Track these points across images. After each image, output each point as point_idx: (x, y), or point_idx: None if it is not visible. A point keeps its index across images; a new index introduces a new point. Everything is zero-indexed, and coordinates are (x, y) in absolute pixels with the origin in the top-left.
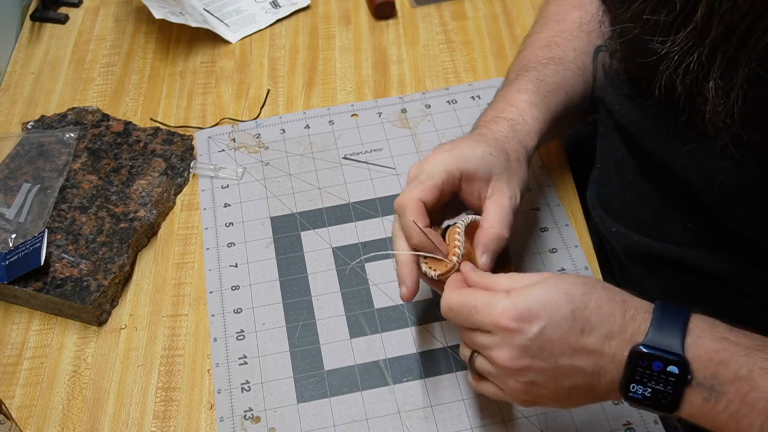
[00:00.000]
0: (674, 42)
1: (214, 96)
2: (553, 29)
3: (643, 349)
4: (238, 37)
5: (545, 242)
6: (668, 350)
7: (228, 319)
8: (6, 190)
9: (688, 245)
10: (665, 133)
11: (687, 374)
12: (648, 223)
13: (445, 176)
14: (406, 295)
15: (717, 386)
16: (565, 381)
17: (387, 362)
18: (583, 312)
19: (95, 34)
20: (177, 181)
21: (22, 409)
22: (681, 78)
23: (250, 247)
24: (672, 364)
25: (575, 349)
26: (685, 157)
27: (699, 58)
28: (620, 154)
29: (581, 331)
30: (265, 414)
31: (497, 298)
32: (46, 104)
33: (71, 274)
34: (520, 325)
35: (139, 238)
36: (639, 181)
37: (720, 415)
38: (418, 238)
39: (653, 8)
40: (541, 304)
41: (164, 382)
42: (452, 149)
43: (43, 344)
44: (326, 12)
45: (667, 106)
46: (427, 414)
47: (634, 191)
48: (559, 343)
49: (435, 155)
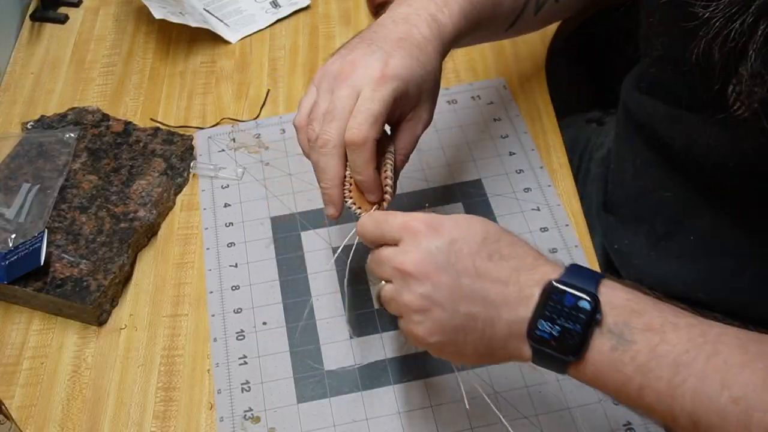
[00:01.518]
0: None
1: (214, 96)
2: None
3: (557, 284)
4: (238, 37)
5: (545, 242)
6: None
7: (228, 319)
8: (6, 190)
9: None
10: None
11: (597, 313)
12: (659, 234)
13: (393, 107)
14: (335, 215)
15: (627, 334)
16: (462, 305)
17: (387, 362)
18: (496, 242)
19: (95, 34)
20: (177, 181)
21: (22, 409)
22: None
23: (250, 247)
24: (584, 300)
25: (480, 273)
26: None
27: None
28: (641, 159)
29: (489, 257)
30: (265, 414)
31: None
32: (46, 104)
33: (71, 274)
34: (430, 231)
35: (139, 238)
36: (658, 190)
37: (626, 366)
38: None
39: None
40: (455, 222)
41: (164, 382)
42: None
43: (43, 344)
44: (326, 12)
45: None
46: (427, 414)
47: (651, 199)
48: (465, 259)
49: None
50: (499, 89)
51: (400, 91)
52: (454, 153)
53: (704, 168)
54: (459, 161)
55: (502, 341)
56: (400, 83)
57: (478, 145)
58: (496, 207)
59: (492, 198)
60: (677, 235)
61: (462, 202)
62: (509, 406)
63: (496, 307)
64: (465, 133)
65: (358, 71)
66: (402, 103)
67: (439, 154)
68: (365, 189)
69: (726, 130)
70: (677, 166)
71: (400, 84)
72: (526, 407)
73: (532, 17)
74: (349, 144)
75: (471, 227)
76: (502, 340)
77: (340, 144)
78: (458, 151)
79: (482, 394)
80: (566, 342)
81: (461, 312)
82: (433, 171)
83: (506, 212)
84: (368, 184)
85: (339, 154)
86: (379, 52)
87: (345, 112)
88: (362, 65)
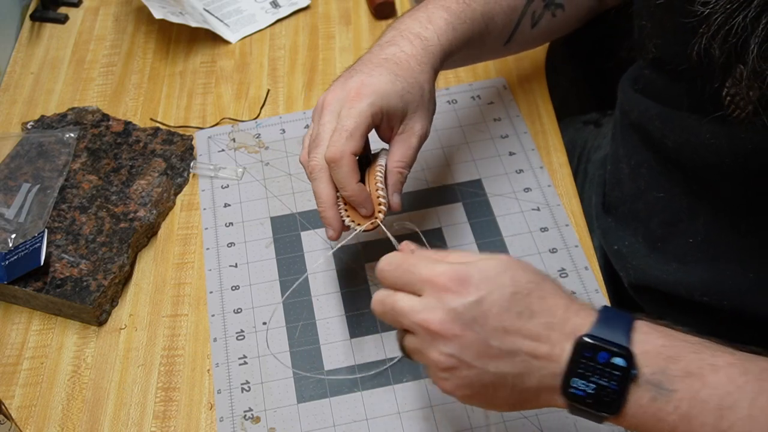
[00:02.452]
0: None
1: (214, 96)
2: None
3: (588, 339)
4: (238, 37)
5: (545, 242)
6: (614, 341)
7: (228, 319)
8: (6, 190)
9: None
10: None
11: (632, 368)
12: (655, 236)
13: (371, 121)
14: (334, 236)
15: (666, 383)
16: (491, 365)
17: (387, 362)
18: (525, 297)
19: (95, 34)
20: (177, 181)
21: (22, 409)
22: (720, 42)
23: (250, 247)
24: (618, 355)
25: (509, 331)
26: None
27: (744, 20)
28: (635, 160)
29: (518, 315)
30: (265, 414)
31: (441, 262)
32: (46, 104)
33: (71, 274)
34: (457, 288)
35: (139, 238)
36: (651, 191)
37: (669, 416)
38: (354, 194)
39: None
40: (483, 276)
41: (164, 382)
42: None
43: (43, 344)
44: (326, 12)
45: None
46: (427, 414)
47: (645, 200)
48: (493, 319)
49: (358, 97)
50: (499, 89)
51: (377, 106)
52: (454, 153)
53: (698, 168)
54: (459, 161)
55: (534, 394)
56: (376, 98)
57: (478, 145)
58: (496, 207)
59: (492, 198)
60: (674, 237)
61: (462, 202)
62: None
63: (527, 364)
64: (465, 133)
65: (338, 96)
66: (387, 117)
67: (439, 154)
68: (354, 203)
69: (720, 130)
70: (671, 167)
71: (375, 99)
72: None
73: (530, 31)
74: (328, 162)
75: (499, 281)
76: (534, 393)
77: (326, 167)
78: (458, 151)
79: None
80: (602, 399)
81: (490, 371)
82: (433, 171)
83: (506, 212)
84: (355, 198)
85: (327, 177)
86: (357, 75)
87: (327, 136)
88: (341, 90)
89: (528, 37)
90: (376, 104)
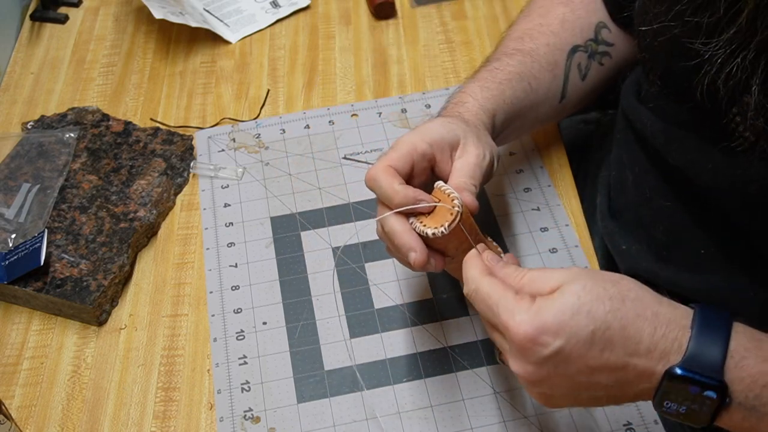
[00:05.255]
0: (718, 44)
1: (214, 96)
2: (533, 21)
3: (679, 371)
4: (238, 37)
5: (545, 242)
6: (706, 375)
7: (228, 319)
8: (6, 190)
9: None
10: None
11: (725, 398)
12: (661, 243)
13: (409, 146)
14: (419, 260)
15: (759, 407)
16: (584, 393)
17: (387, 362)
18: (605, 332)
19: (95, 34)
20: (177, 181)
21: (22, 409)
22: (724, 81)
23: (250, 247)
24: (710, 389)
25: (594, 368)
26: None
27: (743, 62)
28: (639, 167)
29: (601, 351)
30: (265, 414)
31: (519, 306)
32: (46, 104)
33: (71, 274)
34: (533, 345)
35: (139, 238)
36: (656, 198)
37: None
38: (399, 194)
39: (695, 10)
40: (559, 322)
41: (164, 382)
42: (414, 129)
43: (43, 344)
44: (326, 12)
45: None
46: (427, 414)
47: (650, 208)
48: (576, 362)
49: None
50: None
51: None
52: None
53: (702, 185)
54: None
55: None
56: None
57: None
58: (496, 207)
59: (492, 198)
60: (680, 246)
61: None
62: (509, 406)
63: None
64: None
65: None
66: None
67: None
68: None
69: (722, 157)
70: (673, 180)
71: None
72: (526, 407)
73: (582, 84)
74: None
75: (576, 322)
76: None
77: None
78: None
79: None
80: (694, 418)
81: (584, 396)
82: None
83: (506, 212)
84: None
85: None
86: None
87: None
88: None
89: (581, 91)
90: (415, 137)
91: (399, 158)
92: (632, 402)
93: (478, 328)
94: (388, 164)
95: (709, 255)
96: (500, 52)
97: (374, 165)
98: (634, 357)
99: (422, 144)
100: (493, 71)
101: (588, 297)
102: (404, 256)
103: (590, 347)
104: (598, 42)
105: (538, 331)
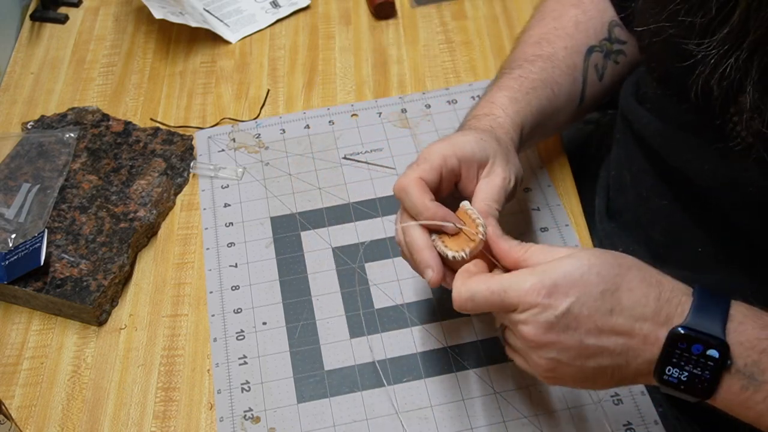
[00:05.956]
0: (710, 44)
1: (214, 96)
2: (547, 26)
3: (682, 330)
4: (238, 37)
5: (545, 242)
6: (709, 333)
7: (228, 319)
8: (6, 190)
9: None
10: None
11: (727, 359)
12: (659, 243)
13: (441, 159)
14: (435, 279)
15: (758, 374)
16: (590, 361)
17: (387, 362)
18: (614, 293)
19: (95, 34)
20: (177, 181)
21: (22, 409)
22: (718, 82)
23: (250, 247)
24: (712, 347)
25: (602, 330)
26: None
27: (736, 62)
28: (637, 167)
29: (610, 312)
30: (265, 414)
31: (522, 277)
32: (46, 104)
33: (71, 274)
34: (547, 301)
35: (139, 238)
36: (654, 198)
37: (758, 405)
38: (429, 211)
39: (689, 10)
40: (570, 281)
41: (164, 382)
42: (445, 139)
43: (43, 344)
44: (326, 12)
45: (699, 109)
46: (427, 414)
47: (648, 208)
48: (586, 321)
49: (429, 146)
50: None
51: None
52: None
53: (697, 186)
54: None
55: (631, 378)
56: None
57: None
58: None
59: None
60: (678, 246)
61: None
62: (509, 406)
63: (623, 356)
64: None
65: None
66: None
67: None
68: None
69: (719, 158)
70: (672, 180)
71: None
72: (526, 407)
73: (599, 84)
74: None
75: (586, 281)
76: (631, 377)
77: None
78: None
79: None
80: (695, 386)
81: (590, 366)
82: None
83: (506, 212)
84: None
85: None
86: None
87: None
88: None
89: (599, 91)
90: (446, 148)
91: (430, 171)
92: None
93: (478, 328)
94: (419, 176)
95: (708, 254)
96: (520, 58)
97: (405, 174)
98: (640, 321)
99: (453, 159)
100: (519, 79)
101: (596, 261)
102: (420, 271)
103: (600, 306)
104: (612, 41)
105: (550, 289)
